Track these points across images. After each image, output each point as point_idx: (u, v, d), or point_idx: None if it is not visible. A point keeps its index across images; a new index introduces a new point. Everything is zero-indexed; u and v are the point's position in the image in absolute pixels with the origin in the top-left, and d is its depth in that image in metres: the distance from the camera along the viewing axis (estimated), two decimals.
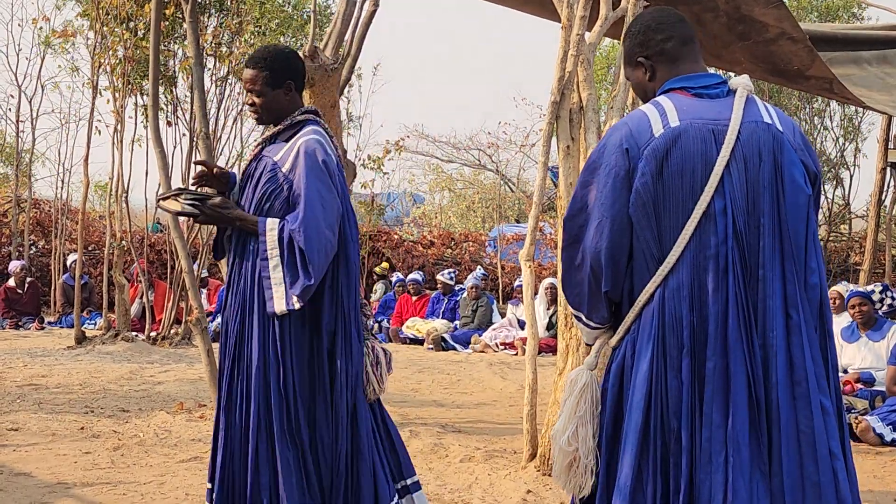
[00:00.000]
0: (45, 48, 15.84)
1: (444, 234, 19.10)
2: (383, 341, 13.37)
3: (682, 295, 2.75)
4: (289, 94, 3.84)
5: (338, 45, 6.56)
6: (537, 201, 5.60)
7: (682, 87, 2.92)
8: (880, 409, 6.92)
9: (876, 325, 7.82)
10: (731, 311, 2.71)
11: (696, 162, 2.78)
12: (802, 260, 2.76)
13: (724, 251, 2.73)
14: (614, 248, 2.84)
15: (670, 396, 2.74)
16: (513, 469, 5.49)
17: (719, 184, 2.76)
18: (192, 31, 7.34)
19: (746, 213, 2.76)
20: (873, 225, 15.29)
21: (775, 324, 2.71)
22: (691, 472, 2.70)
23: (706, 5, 5.95)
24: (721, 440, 2.67)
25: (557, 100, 5.50)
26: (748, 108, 2.84)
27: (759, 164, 2.77)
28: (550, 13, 6.04)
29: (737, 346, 2.69)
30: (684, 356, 2.73)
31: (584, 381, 3.00)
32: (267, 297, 3.64)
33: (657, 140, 2.81)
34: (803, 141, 2.87)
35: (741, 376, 2.68)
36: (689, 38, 2.99)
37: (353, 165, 6.94)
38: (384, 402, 4.09)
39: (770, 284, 2.72)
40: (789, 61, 6.50)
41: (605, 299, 2.92)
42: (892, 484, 5.64)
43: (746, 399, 2.68)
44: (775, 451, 2.68)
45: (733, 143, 2.77)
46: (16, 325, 13.83)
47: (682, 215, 2.77)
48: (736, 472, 2.65)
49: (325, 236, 3.61)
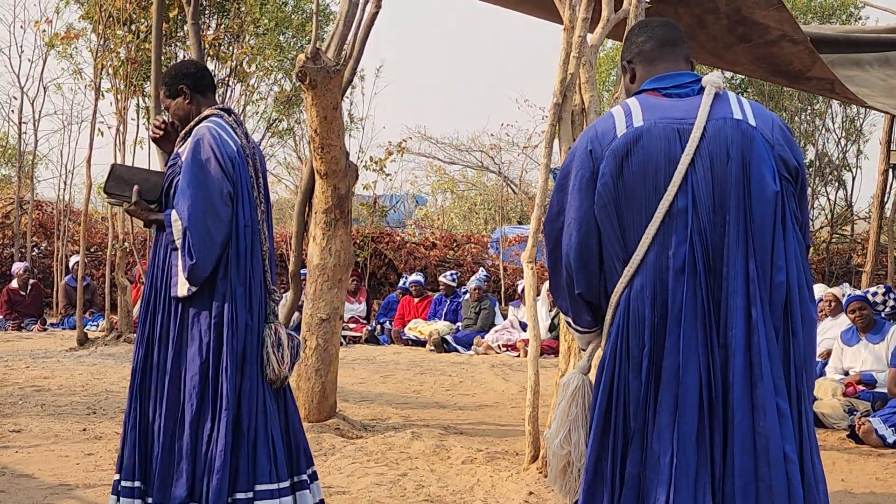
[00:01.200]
0: (47, 50, 15.84)
1: (446, 235, 19.09)
2: (385, 342, 13.47)
3: (645, 295, 2.74)
4: (187, 98, 4.08)
5: (340, 47, 6.57)
6: (539, 203, 5.60)
7: (653, 88, 2.92)
8: (882, 411, 6.91)
9: (875, 328, 7.82)
10: (688, 310, 2.69)
11: (658, 161, 2.77)
12: (768, 258, 2.72)
13: (683, 250, 2.71)
14: (582, 250, 2.85)
15: (630, 397, 2.74)
16: (515, 471, 5.49)
17: (683, 182, 2.74)
18: (193, 32, 7.35)
19: (712, 212, 2.73)
20: (875, 227, 15.27)
21: (735, 322, 2.68)
22: (639, 472, 2.70)
23: (707, 7, 5.95)
24: (668, 440, 2.66)
25: (560, 101, 5.51)
26: (717, 104, 2.82)
27: (727, 161, 2.74)
28: (553, 15, 6.04)
29: (692, 346, 2.67)
30: (644, 356, 2.72)
31: (576, 385, 3.00)
32: (172, 284, 3.89)
33: (618, 140, 2.81)
34: (783, 136, 2.82)
35: (693, 376, 2.66)
36: (669, 40, 2.99)
37: (355, 167, 6.94)
38: (388, 403, 4.09)
39: (732, 282, 2.69)
40: (790, 63, 6.50)
41: (583, 302, 2.92)
42: (894, 486, 5.64)
43: (697, 400, 2.66)
44: (730, 453, 2.65)
45: (698, 141, 2.75)
46: (18, 327, 13.83)
47: (645, 215, 2.76)
48: (680, 473, 2.63)
49: (201, 220, 3.82)
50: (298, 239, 7.12)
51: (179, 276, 3.85)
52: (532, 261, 5.57)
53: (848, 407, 7.22)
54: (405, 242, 18.00)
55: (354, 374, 9.85)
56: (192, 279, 3.82)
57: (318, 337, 6.61)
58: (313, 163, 6.63)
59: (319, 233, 6.63)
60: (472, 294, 13.56)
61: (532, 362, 5.47)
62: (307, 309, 6.69)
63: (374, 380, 9.64)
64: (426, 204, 25.72)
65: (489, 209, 24.02)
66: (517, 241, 17.23)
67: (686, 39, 3.07)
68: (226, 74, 12.48)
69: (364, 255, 16.32)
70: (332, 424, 6.53)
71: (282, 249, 16.92)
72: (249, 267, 3.94)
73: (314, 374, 6.59)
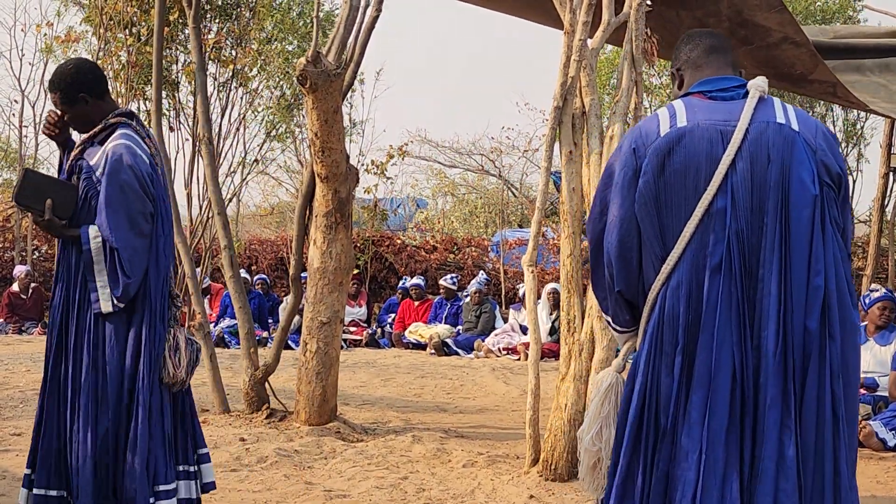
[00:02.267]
0: (47, 55, 15.86)
1: (446, 239, 19.08)
2: (386, 346, 13.47)
3: (681, 293, 2.77)
4: (88, 104, 4.00)
5: (340, 51, 6.57)
6: (540, 206, 5.61)
7: (699, 91, 2.96)
8: (883, 415, 6.91)
9: (885, 331, 7.79)
10: (722, 309, 2.71)
11: (700, 161, 2.80)
12: (805, 261, 2.73)
13: (721, 250, 2.74)
14: (623, 248, 2.89)
15: (661, 394, 2.77)
16: (515, 474, 5.49)
17: (723, 183, 2.77)
18: (195, 36, 7.35)
19: (750, 213, 2.76)
20: (876, 230, 15.25)
21: (769, 325, 2.70)
22: (668, 469, 2.72)
23: (709, 10, 5.95)
24: (697, 437, 2.68)
25: (560, 105, 5.51)
26: (761, 108, 2.86)
27: (767, 164, 2.77)
28: (553, 20, 6.04)
29: (725, 345, 2.69)
30: (678, 353, 2.75)
31: (609, 382, 3.04)
32: (93, 299, 3.87)
33: (661, 139, 2.85)
34: (826, 142, 2.85)
35: (726, 375, 2.68)
36: (715, 48, 3.04)
37: (356, 170, 6.95)
38: (389, 407, 4.11)
39: (767, 285, 2.72)
40: (792, 65, 6.50)
41: (623, 300, 2.95)
42: (895, 490, 5.63)
43: (728, 399, 2.68)
44: (759, 455, 2.67)
45: (739, 143, 2.79)
46: (19, 330, 13.82)
47: (684, 214, 2.80)
48: (708, 470, 2.65)
49: (129, 240, 3.86)
50: (299, 242, 7.11)
51: (100, 292, 3.86)
52: (532, 264, 5.57)
53: None
54: (406, 246, 17.99)
55: (355, 378, 9.84)
56: (123, 297, 3.85)
57: (318, 340, 6.61)
58: (314, 166, 6.63)
59: (320, 236, 6.63)
60: (473, 297, 13.56)
61: (533, 366, 5.47)
62: (308, 312, 6.69)
63: (375, 383, 9.63)
64: (427, 207, 25.70)
65: (490, 213, 24.00)
66: (518, 245, 17.22)
67: (732, 47, 3.12)
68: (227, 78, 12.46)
69: (365, 258, 16.31)
70: (332, 428, 6.53)
71: (282, 253, 16.91)
72: (165, 277, 4.00)
73: (315, 377, 6.59)
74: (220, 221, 7.34)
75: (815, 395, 2.69)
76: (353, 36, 6.68)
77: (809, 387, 2.69)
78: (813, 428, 2.68)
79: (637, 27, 5.45)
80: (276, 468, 5.53)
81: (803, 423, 2.68)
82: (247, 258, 17.07)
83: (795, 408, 2.68)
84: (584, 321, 5.36)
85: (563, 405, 5.34)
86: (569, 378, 5.34)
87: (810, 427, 2.68)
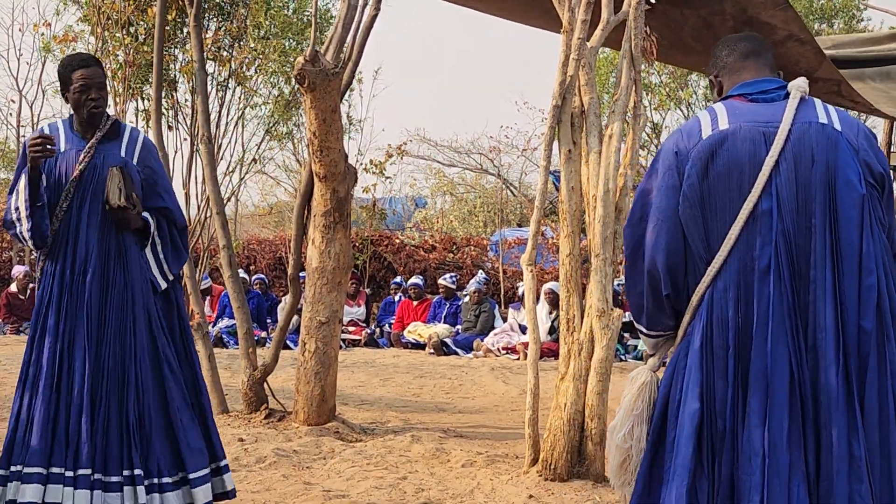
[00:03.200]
0: (44, 55, 15.85)
1: (445, 238, 19.07)
2: (385, 346, 13.46)
3: (729, 296, 2.76)
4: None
5: (339, 50, 6.56)
6: (539, 205, 5.59)
7: (740, 94, 2.96)
8: None
9: None
10: (775, 312, 2.70)
11: (743, 163, 2.80)
12: (857, 261, 2.72)
13: (769, 252, 2.73)
14: (670, 252, 2.88)
15: (717, 398, 2.75)
16: (515, 474, 5.48)
17: (767, 184, 2.76)
18: (195, 35, 7.34)
19: (796, 214, 2.75)
20: None
21: (826, 325, 2.69)
22: (732, 472, 2.71)
23: (713, 9, 5.94)
24: (759, 441, 2.67)
25: (559, 104, 5.50)
26: (802, 109, 2.85)
27: (812, 165, 2.77)
28: (552, 22, 6.02)
29: (780, 348, 2.68)
30: (730, 357, 2.74)
31: (644, 380, 3.03)
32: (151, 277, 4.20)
33: (704, 142, 2.85)
34: (868, 142, 2.84)
35: (783, 377, 2.67)
36: (751, 51, 3.03)
37: (354, 170, 6.93)
38: (388, 406, 4.13)
39: (820, 286, 2.71)
40: (797, 63, 6.49)
41: (668, 305, 2.94)
42: None
43: (788, 400, 2.67)
44: (825, 457, 2.65)
45: (782, 144, 2.78)
46: (16, 331, 13.80)
47: (729, 216, 2.79)
48: (772, 474, 2.64)
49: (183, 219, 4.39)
50: (297, 242, 7.10)
51: (160, 271, 4.22)
52: (532, 263, 5.55)
53: None
54: (404, 245, 17.98)
55: (354, 378, 9.83)
56: (178, 273, 4.28)
57: (317, 340, 6.60)
58: (312, 166, 6.62)
59: (318, 236, 6.62)
60: (472, 297, 13.54)
61: (532, 365, 5.46)
62: (306, 312, 6.68)
63: (374, 383, 9.62)
64: (425, 206, 25.69)
65: (488, 212, 23.98)
66: (517, 244, 17.21)
67: (771, 49, 3.11)
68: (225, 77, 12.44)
69: (363, 258, 16.30)
70: (331, 428, 6.52)
71: (281, 253, 16.90)
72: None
73: (313, 377, 6.57)
74: (218, 221, 7.32)
75: (876, 395, 2.68)
76: (351, 35, 6.67)
77: (870, 387, 2.68)
78: (876, 428, 2.67)
79: (636, 25, 5.43)
80: (275, 468, 5.52)
81: (867, 423, 2.66)
82: (245, 258, 17.06)
83: (859, 409, 2.67)
84: (583, 320, 5.35)
85: (562, 405, 5.33)
86: (568, 377, 5.33)
87: (873, 428, 2.66)
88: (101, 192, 4.08)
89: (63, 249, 4.09)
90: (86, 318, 4.03)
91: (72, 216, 4.10)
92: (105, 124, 4.19)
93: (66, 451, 3.93)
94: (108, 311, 4.06)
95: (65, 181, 4.10)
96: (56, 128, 4.28)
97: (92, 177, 4.11)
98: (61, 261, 4.09)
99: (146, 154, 4.24)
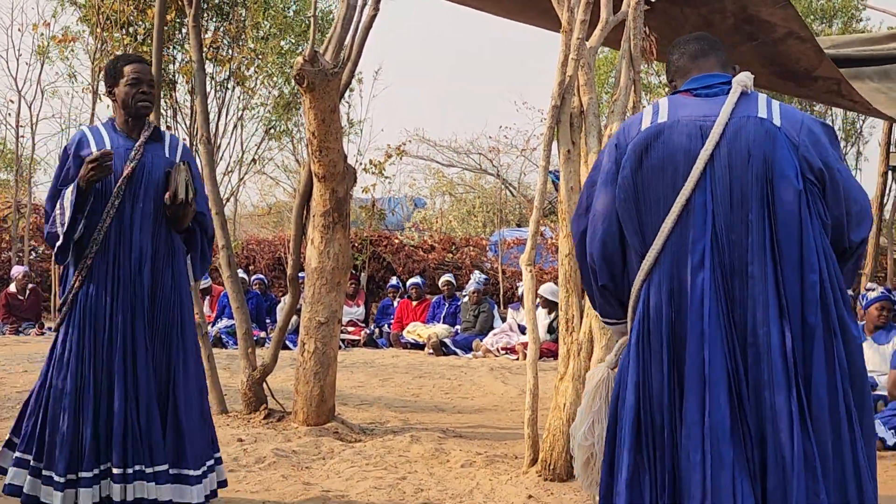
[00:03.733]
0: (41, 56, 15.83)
1: (444, 238, 19.07)
2: (384, 346, 13.45)
3: (662, 290, 2.76)
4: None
5: (338, 50, 6.55)
6: (538, 206, 5.59)
7: (686, 90, 2.97)
8: (882, 414, 6.90)
9: (883, 329, 7.78)
10: (709, 306, 2.69)
11: (678, 156, 2.79)
12: (797, 256, 2.71)
13: (702, 246, 2.72)
14: (606, 244, 2.90)
15: (654, 392, 2.75)
16: (514, 474, 5.47)
17: (701, 178, 2.75)
18: (194, 35, 7.33)
19: (731, 208, 2.73)
20: (875, 229, 15.26)
21: (769, 321, 2.67)
22: (674, 467, 2.71)
23: (714, 7, 5.95)
24: (698, 436, 2.66)
25: (558, 104, 5.49)
26: (743, 103, 2.84)
27: (748, 159, 2.75)
28: (551, 22, 6.02)
29: (715, 344, 2.67)
30: (664, 351, 2.74)
31: (599, 377, 3.03)
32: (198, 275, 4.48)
33: (640, 135, 2.86)
34: (810, 137, 2.81)
35: (720, 373, 2.66)
36: (700, 51, 3.05)
37: (354, 170, 6.93)
38: (387, 407, 4.15)
39: (760, 281, 2.69)
40: (797, 61, 6.50)
41: (610, 295, 2.95)
42: (894, 488, 5.62)
43: (727, 396, 2.66)
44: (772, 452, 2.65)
45: (717, 138, 2.77)
46: (16, 331, 13.80)
47: (663, 210, 2.78)
48: (715, 468, 2.63)
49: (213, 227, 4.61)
50: (297, 242, 7.10)
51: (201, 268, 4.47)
52: (531, 264, 5.55)
53: None
54: (404, 245, 17.98)
55: (353, 378, 9.83)
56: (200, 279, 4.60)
57: (316, 340, 6.59)
58: (311, 166, 6.61)
59: (318, 236, 6.61)
60: (471, 297, 13.54)
61: (531, 365, 5.45)
62: (305, 312, 6.68)
63: (373, 383, 9.62)
64: (424, 207, 25.69)
65: (488, 212, 23.97)
66: (516, 244, 17.21)
67: (722, 47, 3.11)
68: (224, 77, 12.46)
69: (362, 258, 16.29)
70: (330, 428, 6.51)
71: (280, 253, 16.89)
72: None
73: (313, 377, 6.57)
74: (217, 221, 7.32)
75: (825, 392, 2.66)
76: (350, 35, 6.67)
77: (818, 384, 2.66)
78: (828, 424, 2.65)
79: (635, 25, 5.43)
80: (275, 468, 5.52)
81: (815, 420, 2.65)
82: (244, 258, 17.06)
83: (805, 405, 2.65)
84: (582, 321, 5.34)
85: (561, 405, 5.33)
86: (567, 378, 5.32)
87: (824, 424, 2.65)
88: (152, 190, 4.15)
89: (115, 247, 4.11)
90: (144, 315, 4.09)
91: (124, 214, 4.12)
92: (148, 127, 4.25)
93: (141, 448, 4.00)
94: (157, 310, 4.14)
95: (112, 180, 4.12)
96: (97, 129, 4.30)
97: (142, 175, 4.16)
98: (113, 258, 4.11)
99: (187, 159, 4.32)
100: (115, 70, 4.23)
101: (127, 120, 4.24)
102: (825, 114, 18.94)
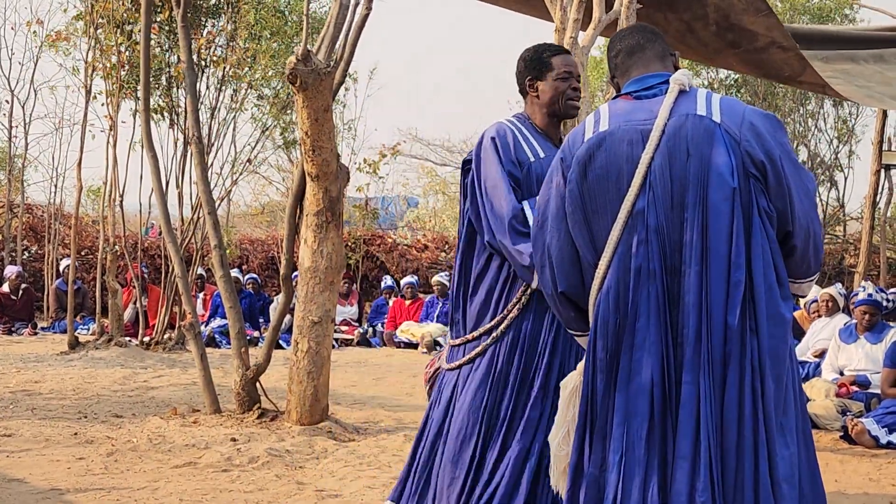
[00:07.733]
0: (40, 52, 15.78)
1: (437, 237, 19.07)
2: (378, 345, 13.44)
3: (610, 298, 2.76)
4: None
5: (331, 49, 6.55)
6: None
7: (627, 93, 2.94)
8: (875, 412, 6.91)
9: (876, 328, 7.79)
10: (642, 309, 2.70)
11: (621, 164, 2.78)
12: (725, 256, 2.68)
13: (643, 250, 2.72)
14: (563, 256, 2.90)
15: (597, 398, 2.77)
16: None
17: (643, 182, 2.74)
18: (183, 35, 7.32)
19: (671, 210, 2.71)
20: (867, 227, 15.31)
21: (689, 322, 2.67)
22: (598, 471, 2.74)
23: (696, 13, 5.95)
24: (619, 439, 2.68)
25: None
26: (681, 102, 2.81)
27: (687, 159, 2.73)
28: (544, 13, 6.02)
29: (645, 346, 2.68)
30: (609, 357, 2.75)
31: (573, 386, 3.01)
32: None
33: (583, 146, 2.85)
34: (753, 131, 2.75)
35: (645, 377, 2.67)
36: (636, 47, 3.01)
37: (347, 169, 6.92)
38: (380, 406, 4.10)
39: (687, 281, 2.68)
40: (780, 69, 6.51)
41: (570, 304, 2.94)
42: (887, 486, 5.64)
43: (648, 399, 2.67)
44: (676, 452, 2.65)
45: (657, 140, 2.75)
46: (8, 331, 13.76)
47: (610, 218, 2.77)
48: (628, 470, 2.65)
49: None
50: (290, 242, 7.09)
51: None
52: None
53: (841, 408, 7.21)
54: (397, 245, 17.98)
55: (346, 377, 9.82)
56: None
57: (309, 340, 6.58)
58: (304, 165, 6.60)
59: (311, 235, 6.61)
60: None
61: None
62: (299, 312, 6.67)
63: (366, 383, 9.62)
64: (418, 206, 25.69)
65: None
66: None
67: (659, 36, 3.07)
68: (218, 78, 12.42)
69: (356, 257, 16.29)
70: (324, 427, 6.50)
71: (273, 252, 16.88)
72: None
73: (306, 376, 6.56)
74: (210, 221, 7.31)
75: (735, 392, 2.65)
76: (343, 34, 6.66)
77: (730, 384, 2.65)
78: (734, 425, 2.63)
79: (628, 24, 5.43)
80: (268, 468, 5.51)
81: (725, 420, 2.64)
82: (238, 257, 17.04)
83: (715, 405, 2.64)
84: None
85: None
86: None
87: (732, 425, 2.63)
88: None
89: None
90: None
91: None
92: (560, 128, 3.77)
93: None
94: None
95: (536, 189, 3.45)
96: (519, 130, 3.70)
97: None
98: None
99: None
100: (540, 61, 3.68)
101: (551, 117, 3.72)
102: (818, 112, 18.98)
